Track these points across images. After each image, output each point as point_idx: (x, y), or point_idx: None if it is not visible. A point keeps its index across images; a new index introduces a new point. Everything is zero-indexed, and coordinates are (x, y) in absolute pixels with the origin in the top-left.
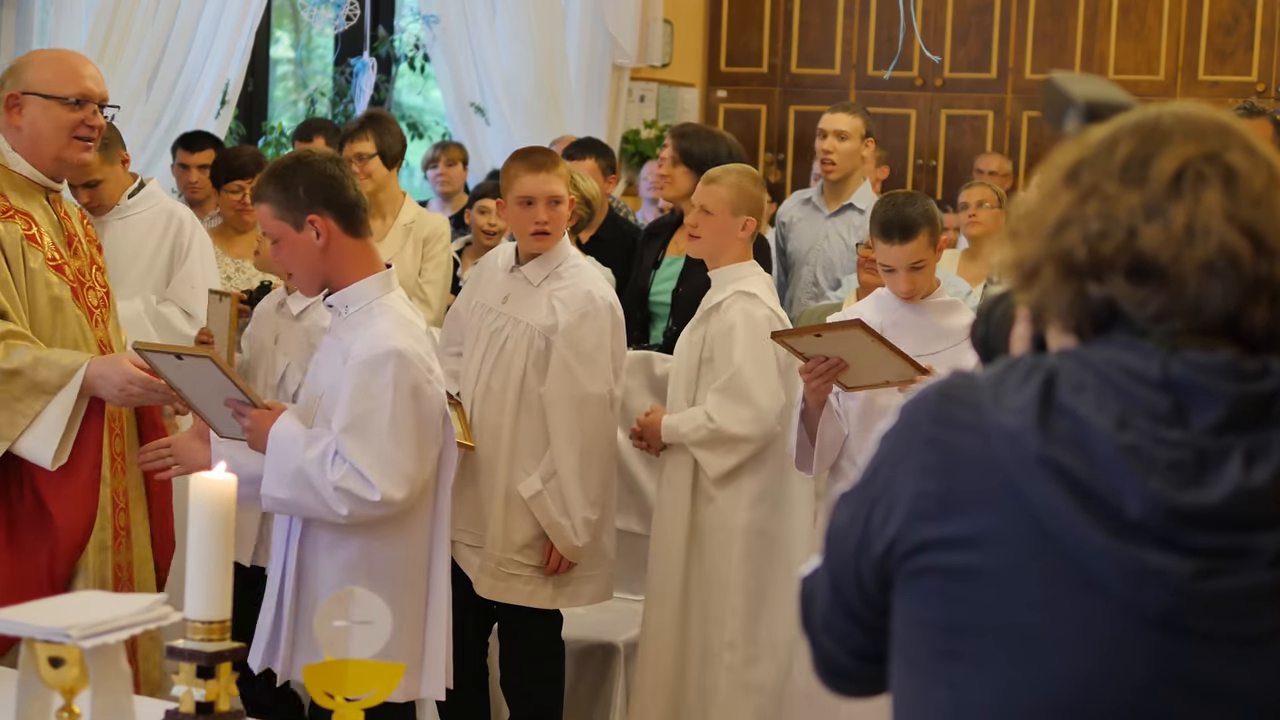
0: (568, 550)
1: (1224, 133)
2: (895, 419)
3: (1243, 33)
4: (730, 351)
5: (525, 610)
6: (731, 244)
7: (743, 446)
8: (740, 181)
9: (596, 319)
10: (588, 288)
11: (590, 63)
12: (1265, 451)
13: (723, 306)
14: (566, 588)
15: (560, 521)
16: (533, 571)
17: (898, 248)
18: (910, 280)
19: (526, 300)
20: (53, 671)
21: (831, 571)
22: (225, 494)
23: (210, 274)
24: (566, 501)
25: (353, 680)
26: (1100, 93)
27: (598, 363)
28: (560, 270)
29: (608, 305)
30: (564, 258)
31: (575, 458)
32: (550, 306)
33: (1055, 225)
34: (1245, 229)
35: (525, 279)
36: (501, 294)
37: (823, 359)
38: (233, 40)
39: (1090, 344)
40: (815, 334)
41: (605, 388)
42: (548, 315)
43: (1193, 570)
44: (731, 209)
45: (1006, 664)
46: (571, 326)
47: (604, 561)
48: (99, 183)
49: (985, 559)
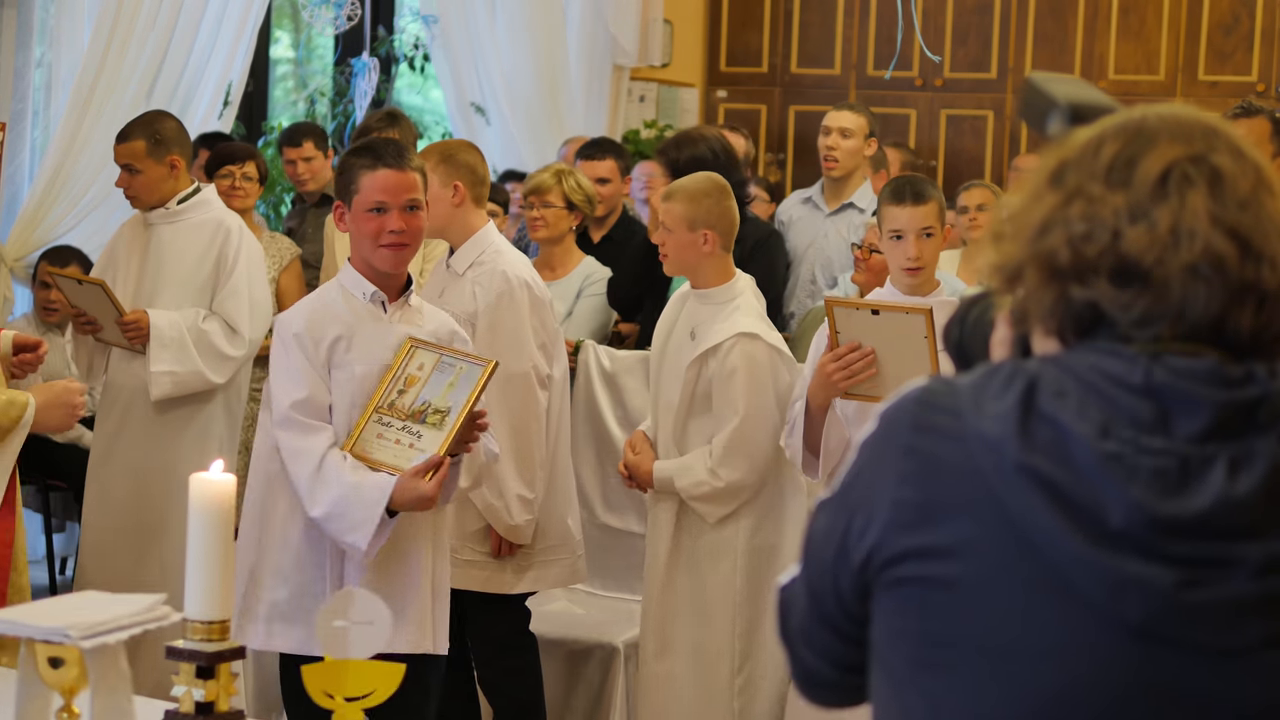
0: (506, 530)
1: (1211, 135)
2: (875, 426)
3: (1243, 33)
4: (734, 399)
5: (489, 604)
6: (699, 261)
7: (744, 493)
8: (693, 194)
9: (512, 298)
10: (502, 268)
11: (590, 63)
12: (1250, 460)
13: (722, 350)
14: (528, 572)
15: (494, 503)
16: (487, 557)
17: (910, 209)
18: (919, 246)
19: (455, 290)
20: (52, 672)
21: (809, 581)
22: (225, 494)
23: (258, 285)
24: (499, 481)
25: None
26: (1083, 94)
27: (518, 342)
28: (482, 257)
29: (523, 284)
30: (486, 245)
31: (505, 437)
32: (472, 293)
33: (1039, 227)
34: (1231, 232)
35: (454, 271)
36: (439, 289)
37: (857, 350)
38: (235, 41)
39: (1073, 349)
40: (873, 310)
41: (527, 365)
42: (470, 301)
43: (1175, 580)
44: (687, 224)
45: (986, 674)
46: (489, 308)
47: (567, 543)
48: (138, 172)
49: (965, 568)
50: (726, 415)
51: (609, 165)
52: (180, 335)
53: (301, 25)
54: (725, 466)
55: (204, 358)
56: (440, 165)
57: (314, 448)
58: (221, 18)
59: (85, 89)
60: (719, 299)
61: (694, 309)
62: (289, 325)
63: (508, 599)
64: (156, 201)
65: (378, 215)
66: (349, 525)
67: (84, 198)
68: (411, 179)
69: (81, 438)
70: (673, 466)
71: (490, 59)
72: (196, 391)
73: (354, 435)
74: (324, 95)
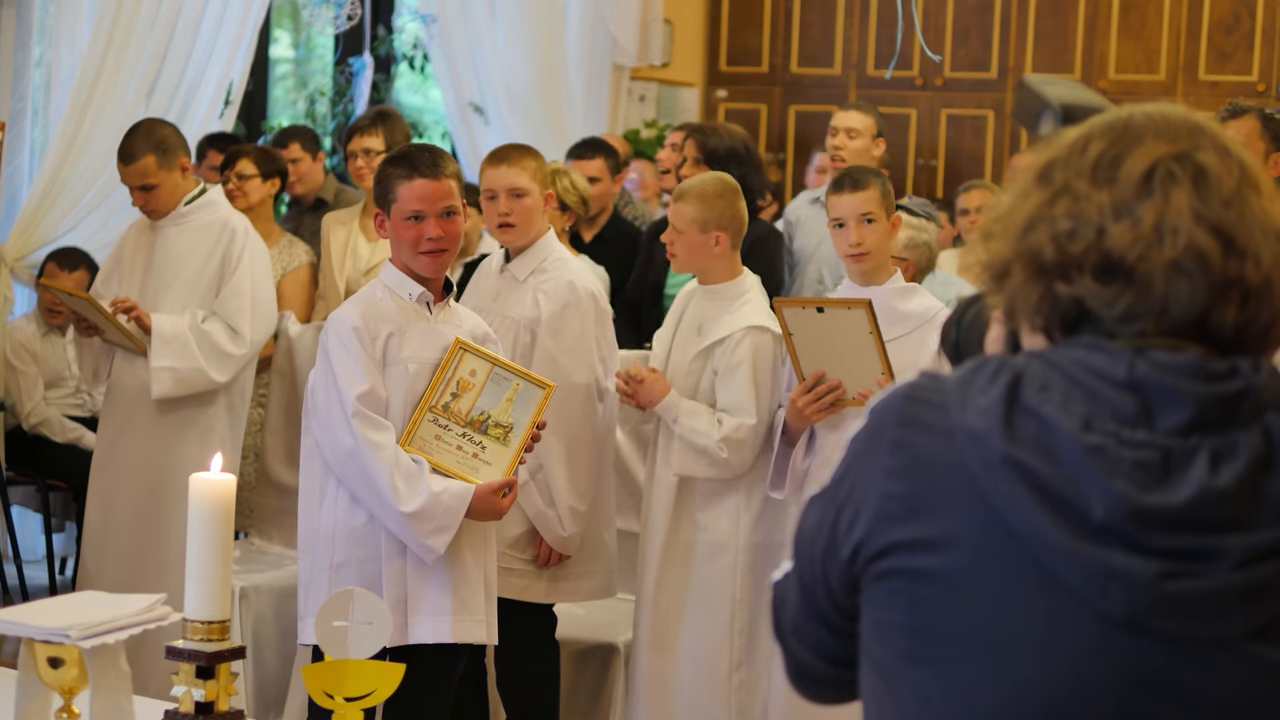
0: (555, 541)
1: (1196, 133)
2: (864, 422)
3: (1243, 32)
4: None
5: (520, 610)
6: (710, 262)
7: (732, 475)
8: (705, 195)
9: (579, 309)
10: (570, 278)
11: (590, 63)
12: (1232, 453)
13: (731, 341)
14: (563, 582)
15: (546, 511)
16: (526, 565)
17: (848, 196)
18: (859, 232)
19: (514, 296)
20: (52, 672)
21: (801, 576)
22: (224, 494)
23: (262, 286)
24: (553, 491)
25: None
26: (1075, 95)
27: (581, 352)
28: (545, 264)
29: (590, 295)
30: (549, 252)
31: (561, 447)
32: (534, 299)
33: (1025, 225)
34: (1214, 229)
35: (513, 276)
36: (493, 293)
37: (825, 383)
38: (235, 41)
39: (1058, 345)
40: (818, 307)
41: (590, 377)
42: (531, 308)
43: (1158, 572)
44: (700, 226)
45: (971, 666)
46: (554, 317)
47: (602, 557)
48: (154, 187)
49: (950, 561)
50: (738, 410)
51: (599, 165)
52: (182, 332)
53: (301, 25)
54: (731, 449)
55: (205, 355)
56: None
57: (388, 443)
58: (221, 18)
59: (85, 89)
60: (728, 294)
61: (702, 304)
62: (346, 321)
63: (537, 606)
64: (173, 207)
65: (415, 223)
66: (433, 528)
67: (84, 198)
68: (447, 187)
69: (82, 438)
70: (685, 405)
71: (489, 59)
72: (197, 391)
73: (409, 431)
74: (324, 95)
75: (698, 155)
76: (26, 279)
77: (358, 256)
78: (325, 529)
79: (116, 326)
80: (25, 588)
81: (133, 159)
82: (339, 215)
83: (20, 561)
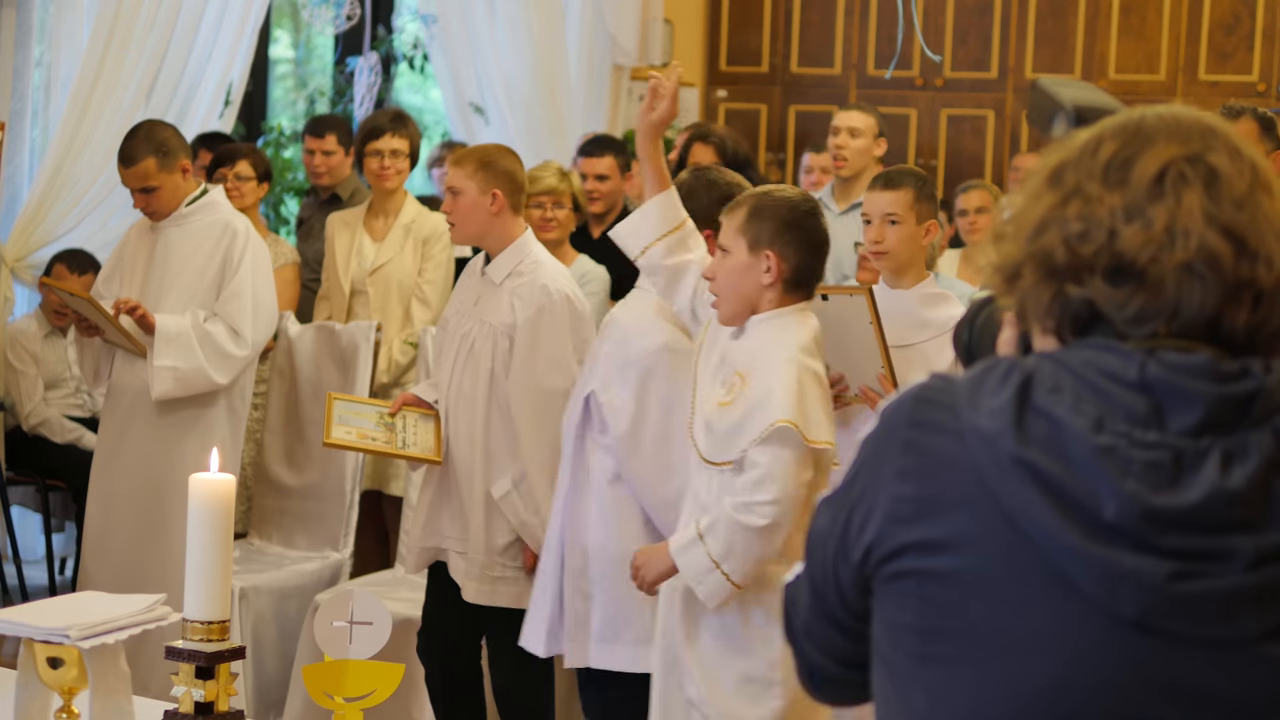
0: (539, 548)
1: (1208, 134)
2: (876, 423)
3: (1243, 32)
4: None
5: (512, 615)
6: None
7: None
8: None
9: (553, 313)
10: (543, 281)
11: (590, 62)
12: (1243, 453)
13: None
14: None
15: (529, 519)
16: (517, 573)
17: (878, 193)
18: (880, 231)
19: (491, 301)
20: (52, 672)
21: (812, 577)
22: (224, 494)
23: (263, 287)
24: (535, 498)
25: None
26: (1089, 97)
27: (557, 358)
28: (521, 268)
29: (564, 298)
30: (524, 255)
31: (544, 454)
32: (510, 304)
33: (1036, 226)
34: (1226, 231)
35: (490, 280)
36: (474, 297)
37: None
38: (235, 41)
39: (1069, 346)
40: (823, 295)
41: (567, 382)
42: (508, 313)
43: (1169, 572)
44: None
45: (982, 667)
46: (528, 322)
47: None
48: (155, 189)
49: (961, 562)
50: None
51: (609, 162)
52: (185, 332)
53: (301, 25)
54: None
55: (208, 356)
56: (478, 171)
57: None
58: (221, 18)
59: (85, 89)
60: None
61: None
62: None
63: None
64: (175, 209)
65: None
66: None
67: (84, 198)
68: None
69: (81, 438)
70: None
71: (489, 58)
72: (198, 391)
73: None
74: (323, 95)
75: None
76: (27, 279)
77: (363, 257)
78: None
79: (117, 327)
80: (25, 588)
81: (133, 161)
82: (344, 216)
83: (20, 562)
